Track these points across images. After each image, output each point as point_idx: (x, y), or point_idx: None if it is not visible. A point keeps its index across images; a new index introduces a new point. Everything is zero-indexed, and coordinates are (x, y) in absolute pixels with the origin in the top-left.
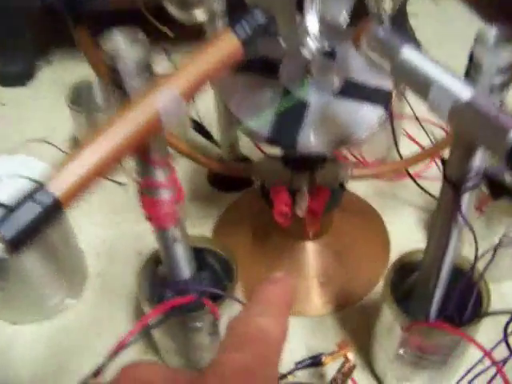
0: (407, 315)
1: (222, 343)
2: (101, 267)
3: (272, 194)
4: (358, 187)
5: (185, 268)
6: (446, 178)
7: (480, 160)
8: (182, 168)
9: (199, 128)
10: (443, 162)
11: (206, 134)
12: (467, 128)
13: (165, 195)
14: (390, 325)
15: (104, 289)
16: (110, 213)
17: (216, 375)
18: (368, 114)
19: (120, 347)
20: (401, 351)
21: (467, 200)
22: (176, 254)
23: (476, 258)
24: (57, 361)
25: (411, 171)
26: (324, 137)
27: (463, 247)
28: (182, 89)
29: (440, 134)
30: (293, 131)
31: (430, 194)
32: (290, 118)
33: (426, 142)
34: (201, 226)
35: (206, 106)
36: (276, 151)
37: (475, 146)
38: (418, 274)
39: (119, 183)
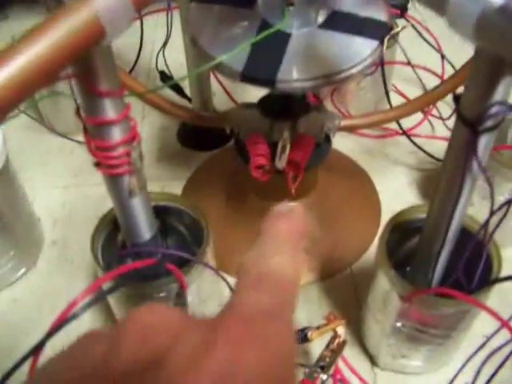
0: (409, 283)
1: (236, 285)
2: (58, 234)
3: (248, 145)
4: (345, 145)
5: (145, 228)
6: (459, 117)
7: (502, 93)
8: (149, 125)
9: (168, 79)
10: (456, 98)
11: (176, 88)
12: (497, 42)
13: (116, 135)
14: (385, 294)
15: (60, 258)
16: (69, 175)
17: (238, 317)
18: (359, 47)
19: (64, 319)
20: (398, 324)
21: (485, 143)
22: (133, 210)
23: (492, 212)
24: (6, 338)
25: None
26: (308, 72)
27: None
28: None
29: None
30: (272, 66)
31: (423, 151)
32: (269, 52)
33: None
34: (170, 189)
35: (176, 58)
36: (255, 98)
37: (501, 72)
38: (420, 235)
39: (79, 142)
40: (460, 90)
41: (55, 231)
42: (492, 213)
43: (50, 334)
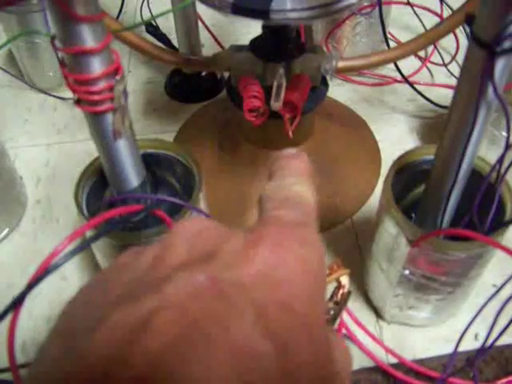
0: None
1: (263, 207)
2: (41, 193)
3: (240, 87)
4: (342, 94)
5: (132, 174)
6: (474, 38)
7: None
8: (135, 78)
9: (154, 30)
10: (469, 18)
11: (163, 38)
12: None
13: (96, 67)
14: (392, 240)
15: (45, 217)
16: (52, 132)
17: (273, 225)
18: None
19: (45, 269)
20: (406, 272)
21: (502, 66)
22: (119, 154)
23: (508, 146)
24: None
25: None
26: (305, 0)
27: None
28: None
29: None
30: None
31: (424, 97)
32: None
33: None
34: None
35: (161, 10)
36: (246, 41)
37: None
38: (427, 176)
39: (62, 98)
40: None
41: (39, 190)
42: (508, 146)
43: (31, 286)
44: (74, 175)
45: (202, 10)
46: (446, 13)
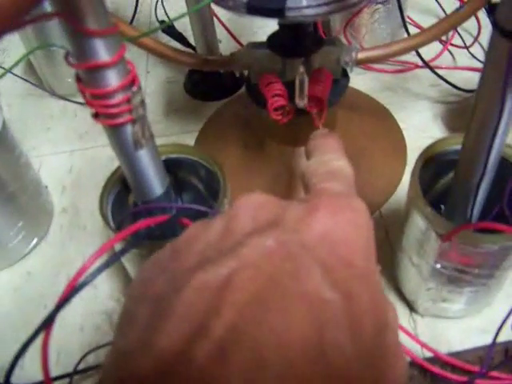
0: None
1: (309, 182)
2: (67, 201)
3: (262, 86)
4: (363, 83)
5: (155, 183)
6: (497, 28)
7: None
8: (154, 78)
9: (170, 30)
10: (492, 7)
11: (179, 37)
12: None
13: (112, 80)
14: (422, 235)
15: (72, 225)
16: (74, 139)
17: (326, 195)
18: None
19: (74, 286)
20: (438, 266)
21: None
22: (141, 164)
23: None
24: (22, 313)
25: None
26: None
27: None
28: None
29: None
30: None
31: (448, 82)
32: None
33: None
34: (182, 142)
35: (176, 8)
36: (263, 39)
37: None
38: (455, 168)
39: (81, 104)
40: None
41: (64, 198)
42: None
43: (60, 305)
44: (97, 181)
45: (216, 6)
46: None
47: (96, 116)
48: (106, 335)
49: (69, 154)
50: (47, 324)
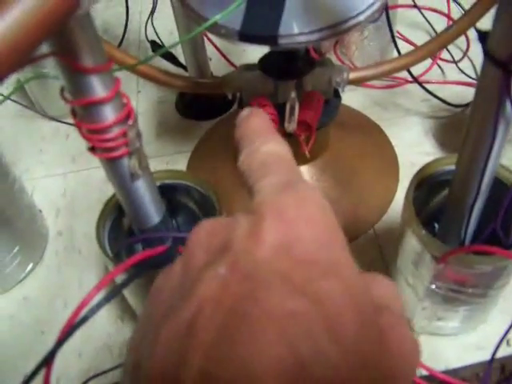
0: (441, 242)
1: (247, 184)
2: (62, 224)
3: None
4: (353, 99)
5: (152, 212)
6: (488, 56)
7: None
8: (145, 98)
9: (160, 49)
10: (482, 35)
11: (170, 56)
12: None
13: (108, 115)
14: (417, 256)
15: (67, 249)
16: (67, 161)
17: (266, 199)
18: None
19: (74, 323)
20: (433, 286)
21: None
22: (138, 194)
23: None
24: (20, 340)
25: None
26: (312, 23)
27: None
28: None
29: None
30: (272, 20)
31: (437, 98)
32: (267, 5)
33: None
34: (175, 163)
35: (166, 27)
36: (253, 59)
37: None
38: (449, 188)
39: (73, 125)
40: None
41: (59, 221)
42: None
43: (61, 342)
44: (92, 203)
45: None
46: (453, 11)
47: (92, 149)
48: (104, 361)
49: (62, 177)
50: (48, 361)
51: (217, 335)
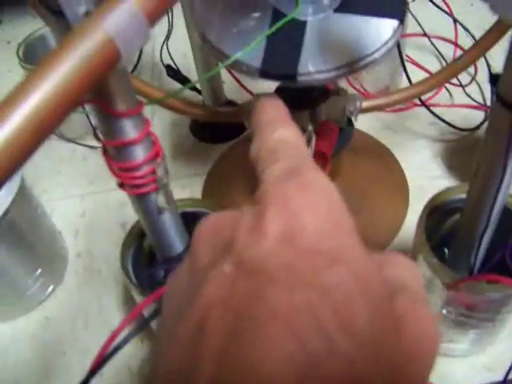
0: (451, 269)
1: (256, 172)
2: (81, 246)
3: None
4: (364, 123)
5: (176, 241)
6: (499, 98)
7: None
8: (160, 121)
9: (175, 73)
10: (494, 78)
11: (184, 80)
12: None
13: (139, 154)
14: (428, 282)
15: (87, 270)
16: (84, 182)
17: (271, 187)
18: (380, 28)
19: (101, 359)
20: (444, 311)
21: None
22: (163, 226)
23: None
24: (42, 360)
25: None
26: (330, 61)
27: None
28: (143, 1)
29: (449, 54)
30: (291, 59)
31: (445, 122)
32: (286, 43)
33: (432, 67)
34: (191, 186)
35: (180, 49)
36: (267, 87)
37: None
38: (460, 218)
39: (90, 147)
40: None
41: (78, 243)
42: None
43: (93, 372)
44: (110, 225)
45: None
46: (461, 39)
47: (122, 186)
48: (124, 381)
49: (80, 198)
50: None
51: (226, 339)
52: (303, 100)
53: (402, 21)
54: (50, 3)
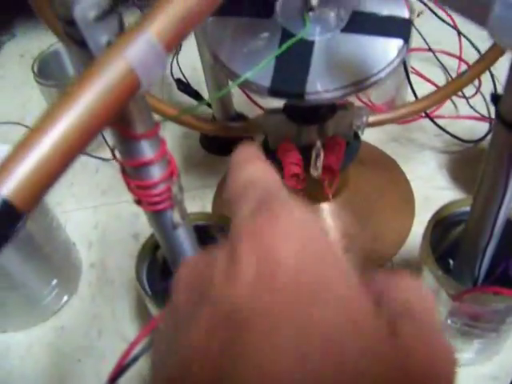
0: (455, 280)
1: (229, 213)
2: (95, 257)
3: (279, 153)
4: (370, 134)
5: (189, 254)
6: (499, 118)
7: None
8: (170, 133)
9: (185, 87)
10: (495, 98)
11: (194, 94)
12: None
13: (155, 174)
14: (433, 292)
15: (100, 280)
16: (97, 194)
17: (241, 225)
18: (385, 48)
19: (119, 369)
20: (449, 321)
21: None
22: (178, 240)
23: None
24: (57, 368)
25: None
26: (337, 80)
27: None
28: (161, 33)
29: (454, 65)
30: (299, 78)
31: (449, 134)
32: (294, 63)
33: (437, 78)
34: (201, 198)
35: (189, 62)
36: (276, 103)
37: None
38: (464, 230)
39: (102, 159)
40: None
41: (92, 254)
42: None
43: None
44: (123, 236)
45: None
46: (465, 50)
47: (139, 202)
48: None
49: (93, 210)
50: None
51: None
52: (311, 116)
53: (406, 40)
54: (75, 34)
